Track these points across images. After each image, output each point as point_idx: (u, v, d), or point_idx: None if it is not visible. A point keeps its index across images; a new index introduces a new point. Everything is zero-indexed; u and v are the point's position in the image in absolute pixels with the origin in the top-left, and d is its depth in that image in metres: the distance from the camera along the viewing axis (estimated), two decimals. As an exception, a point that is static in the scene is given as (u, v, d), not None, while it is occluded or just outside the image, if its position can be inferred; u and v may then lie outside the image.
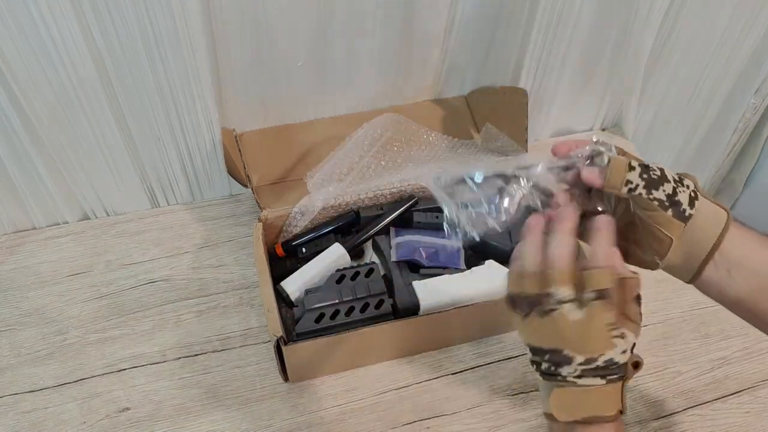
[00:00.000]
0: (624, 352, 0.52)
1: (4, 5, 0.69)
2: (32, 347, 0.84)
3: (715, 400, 0.83)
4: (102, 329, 0.86)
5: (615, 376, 0.52)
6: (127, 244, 0.95)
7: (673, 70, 1.06)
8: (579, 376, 0.53)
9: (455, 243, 0.87)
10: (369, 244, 0.90)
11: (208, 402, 0.80)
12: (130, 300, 0.89)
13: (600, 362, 0.52)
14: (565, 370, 0.53)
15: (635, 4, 0.92)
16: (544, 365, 0.54)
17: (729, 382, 0.84)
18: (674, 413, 0.81)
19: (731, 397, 0.83)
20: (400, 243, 0.87)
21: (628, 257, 0.58)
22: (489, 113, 1.03)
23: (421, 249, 0.85)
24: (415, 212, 0.91)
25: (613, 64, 1.02)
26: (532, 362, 0.56)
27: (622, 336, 0.52)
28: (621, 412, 0.52)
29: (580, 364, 0.52)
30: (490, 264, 0.85)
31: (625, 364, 0.52)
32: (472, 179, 0.58)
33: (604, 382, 0.52)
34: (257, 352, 0.85)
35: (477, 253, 0.92)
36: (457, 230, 0.58)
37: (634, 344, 0.53)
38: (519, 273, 0.55)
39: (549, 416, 0.54)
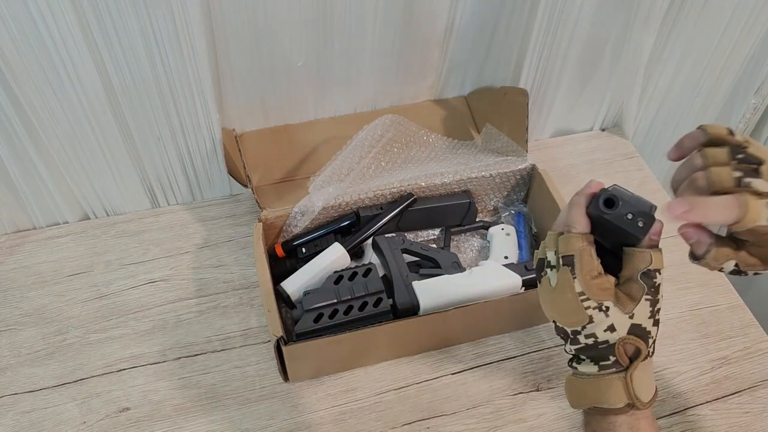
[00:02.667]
0: (609, 329, 0.48)
1: (4, 5, 0.69)
2: (32, 347, 0.84)
3: (715, 400, 0.83)
4: (102, 329, 0.86)
5: (608, 363, 0.49)
6: (127, 244, 0.95)
7: (673, 70, 1.06)
8: (576, 359, 0.52)
9: None
10: (369, 244, 0.90)
11: (207, 402, 0.80)
12: (130, 300, 0.89)
13: (583, 339, 0.49)
14: (567, 347, 0.53)
15: (635, 4, 0.92)
16: (564, 347, 0.53)
17: (729, 382, 0.84)
18: (674, 413, 0.81)
19: (731, 397, 0.83)
20: None
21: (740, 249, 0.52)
22: (489, 113, 1.03)
23: None
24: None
25: (613, 64, 1.02)
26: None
27: (601, 309, 0.48)
28: (631, 405, 0.50)
29: (572, 341, 0.51)
30: (490, 264, 0.85)
31: (614, 345, 0.48)
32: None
33: (596, 369, 0.50)
34: (257, 352, 0.85)
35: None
36: None
37: (635, 326, 0.48)
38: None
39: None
